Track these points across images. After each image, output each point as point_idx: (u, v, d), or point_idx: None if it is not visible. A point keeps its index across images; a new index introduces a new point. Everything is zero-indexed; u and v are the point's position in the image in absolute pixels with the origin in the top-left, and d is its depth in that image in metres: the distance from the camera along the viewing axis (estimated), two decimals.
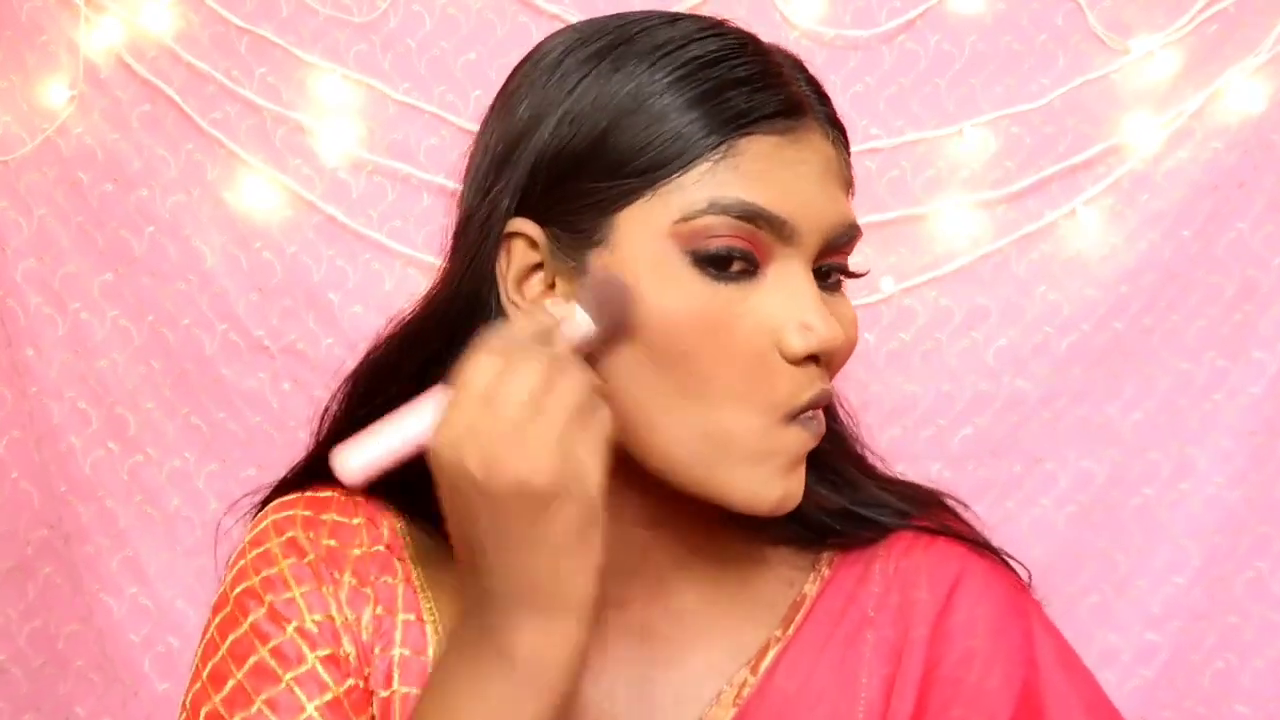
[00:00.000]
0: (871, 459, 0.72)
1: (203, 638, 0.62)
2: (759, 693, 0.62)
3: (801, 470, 0.59)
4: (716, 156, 0.56)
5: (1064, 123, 0.99)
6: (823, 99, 0.61)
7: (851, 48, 1.01)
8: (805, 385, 0.58)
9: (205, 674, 0.60)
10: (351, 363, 0.71)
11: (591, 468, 0.51)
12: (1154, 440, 0.98)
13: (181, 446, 1.01)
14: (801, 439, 0.58)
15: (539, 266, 0.60)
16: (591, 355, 0.59)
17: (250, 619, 0.60)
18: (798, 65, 0.62)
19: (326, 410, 0.69)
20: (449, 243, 0.65)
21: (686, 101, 0.57)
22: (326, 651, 0.59)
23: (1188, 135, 0.98)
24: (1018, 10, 1.00)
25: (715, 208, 0.56)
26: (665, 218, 0.57)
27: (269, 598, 0.60)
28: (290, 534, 0.63)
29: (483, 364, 0.51)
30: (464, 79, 1.01)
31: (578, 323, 0.54)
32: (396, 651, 0.61)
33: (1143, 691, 0.96)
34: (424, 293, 0.68)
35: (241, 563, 0.63)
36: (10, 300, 1.01)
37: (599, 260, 0.58)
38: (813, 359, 0.58)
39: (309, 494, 0.66)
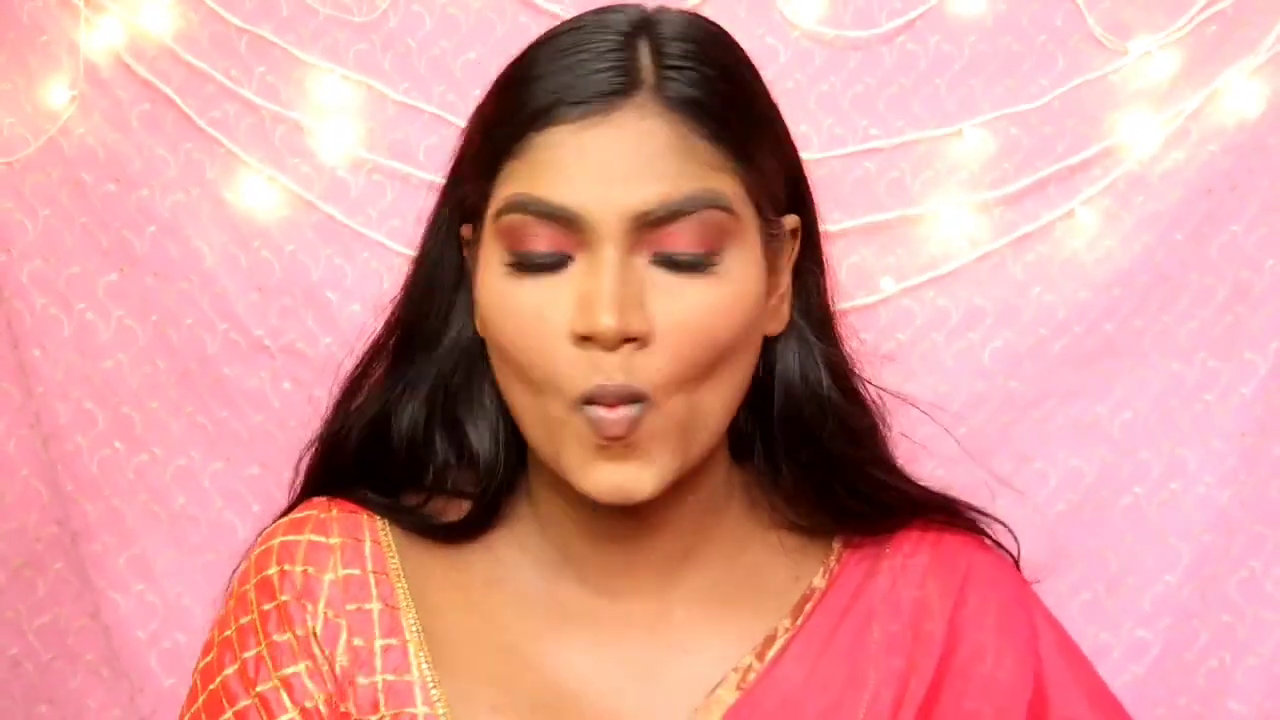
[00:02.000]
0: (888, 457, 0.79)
1: (193, 672, 0.70)
2: (764, 679, 0.69)
3: (639, 465, 0.63)
4: (518, 154, 0.63)
5: (1062, 124, 1.06)
6: (689, 77, 0.63)
7: (851, 48, 1.07)
8: (583, 375, 0.62)
9: (187, 718, 0.68)
10: (349, 362, 0.79)
11: None
12: (1144, 440, 1.05)
13: (186, 446, 1.08)
14: (585, 428, 0.62)
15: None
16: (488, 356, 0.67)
17: (222, 675, 0.67)
18: (678, 38, 0.65)
19: (329, 415, 0.76)
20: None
21: (503, 104, 0.65)
22: (288, 717, 0.66)
23: (1183, 137, 1.04)
24: (1017, 11, 1.06)
25: (511, 205, 0.63)
26: (489, 217, 0.65)
27: (243, 654, 0.67)
28: (267, 572, 0.69)
29: None
30: (464, 79, 1.07)
31: None
32: (379, 678, 0.67)
33: (1133, 687, 1.04)
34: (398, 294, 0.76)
35: (231, 603, 0.70)
36: (17, 301, 1.07)
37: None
38: (598, 344, 0.62)
39: (292, 515, 0.73)
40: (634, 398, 0.62)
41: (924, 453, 0.94)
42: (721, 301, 0.64)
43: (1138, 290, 1.05)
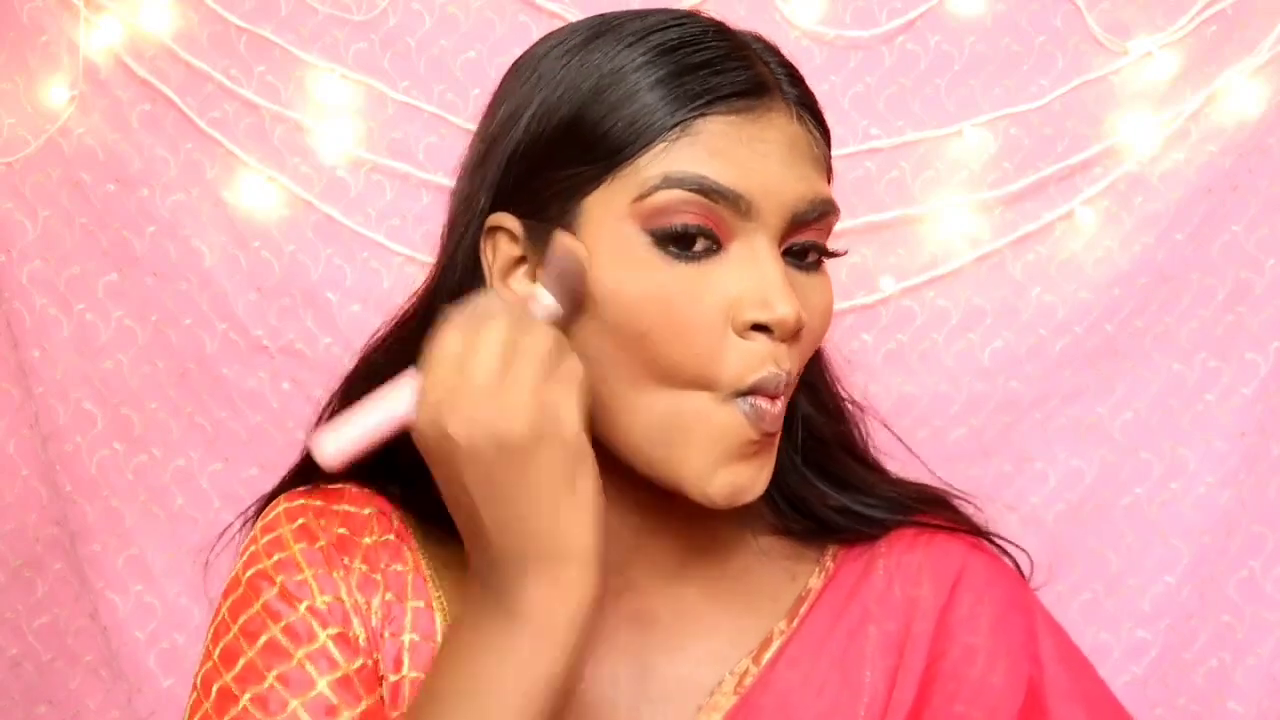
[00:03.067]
0: (877, 455, 0.80)
1: (214, 620, 0.68)
2: (761, 682, 0.69)
3: (761, 462, 0.64)
4: (673, 136, 0.62)
5: (1062, 124, 1.07)
6: (795, 82, 0.66)
7: (852, 48, 1.08)
8: (755, 364, 0.62)
9: (216, 653, 0.65)
10: (349, 362, 0.79)
11: (567, 412, 0.57)
12: (1145, 440, 1.06)
13: (185, 446, 1.09)
14: (739, 423, 0.62)
15: (523, 259, 0.68)
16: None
17: (263, 599, 0.66)
18: (770, 49, 0.68)
19: (324, 412, 0.77)
20: (439, 243, 0.74)
21: (644, 87, 0.63)
22: (337, 630, 0.65)
23: (1183, 138, 1.05)
24: (1017, 11, 1.07)
25: (669, 182, 0.61)
26: (624, 199, 0.62)
27: (281, 578, 0.66)
28: (302, 520, 0.68)
29: (450, 335, 0.58)
30: (463, 78, 1.08)
31: (542, 302, 0.61)
32: (406, 637, 0.67)
33: (1133, 688, 1.04)
34: (416, 291, 0.76)
35: (253, 548, 0.68)
36: (17, 302, 1.08)
37: (561, 238, 0.63)
38: (765, 332, 0.62)
39: (323, 485, 0.72)
40: (786, 390, 0.63)
41: (921, 459, 0.95)
42: (830, 300, 0.67)
43: (1138, 290, 1.06)
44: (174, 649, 1.08)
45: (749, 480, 0.64)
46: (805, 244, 0.65)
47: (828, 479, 0.75)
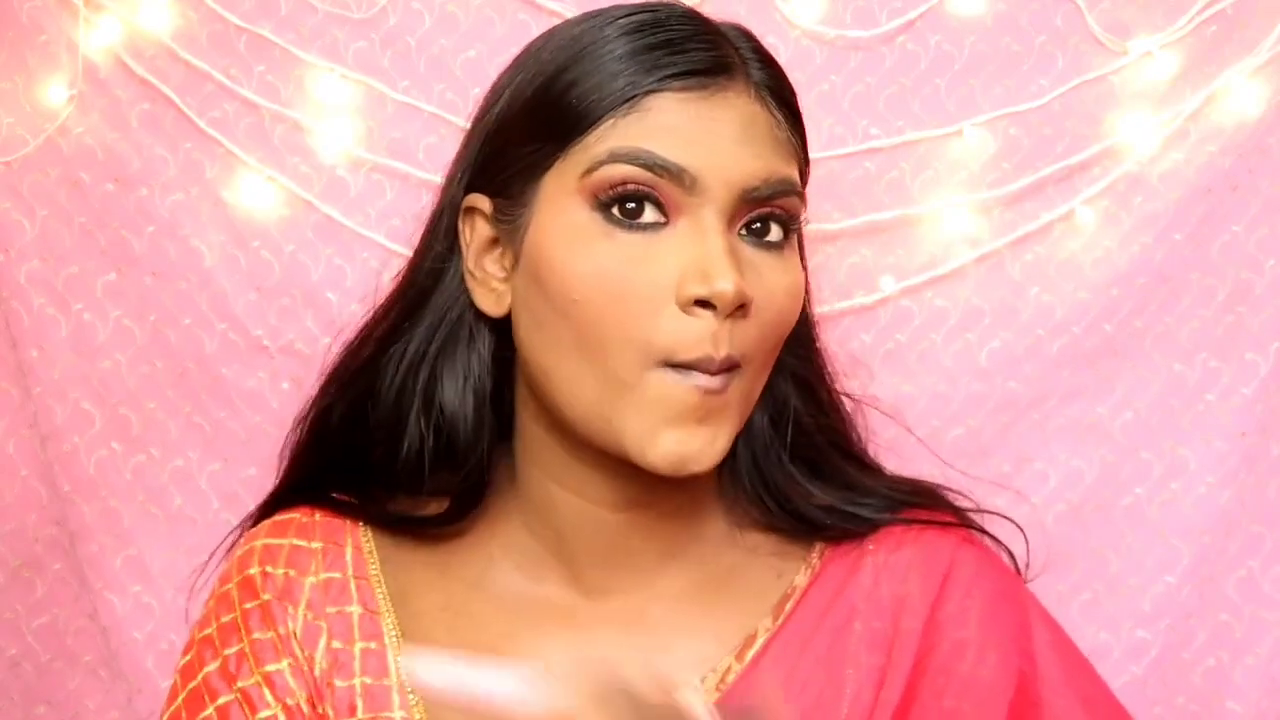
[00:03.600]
0: (861, 452, 0.80)
1: (174, 674, 0.71)
2: (742, 680, 0.69)
3: (713, 429, 0.63)
4: (621, 113, 0.63)
5: (1062, 124, 1.07)
6: (765, 66, 0.68)
7: (852, 48, 1.08)
8: (693, 339, 0.62)
9: (165, 717, 0.69)
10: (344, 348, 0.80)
11: None
12: (1145, 440, 1.06)
13: (184, 446, 1.09)
14: (673, 390, 0.62)
15: (496, 241, 0.69)
16: (514, 315, 0.66)
17: (205, 671, 0.68)
18: (744, 35, 0.70)
19: (316, 402, 0.77)
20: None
21: (601, 65, 0.64)
22: (269, 713, 0.67)
23: (1182, 138, 1.05)
24: (1017, 11, 1.07)
25: (614, 157, 0.63)
26: (573, 174, 0.64)
27: (225, 651, 0.68)
28: (250, 571, 0.71)
29: (582, 689, 0.51)
30: (464, 77, 1.08)
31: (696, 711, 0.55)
32: (357, 681, 0.68)
33: (1133, 687, 1.04)
34: (396, 276, 0.77)
35: (211, 603, 0.72)
36: (15, 302, 1.07)
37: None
38: (709, 308, 0.62)
39: (276, 518, 0.75)
40: (732, 366, 0.63)
41: (919, 459, 0.95)
42: (796, 283, 0.67)
43: (1137, 290, 1.06)
44: (172, 650, 1.08)
45: (697, 448, 0.63)
46: (763, 216, 0.65)
47: (816, 477, 0.75)
